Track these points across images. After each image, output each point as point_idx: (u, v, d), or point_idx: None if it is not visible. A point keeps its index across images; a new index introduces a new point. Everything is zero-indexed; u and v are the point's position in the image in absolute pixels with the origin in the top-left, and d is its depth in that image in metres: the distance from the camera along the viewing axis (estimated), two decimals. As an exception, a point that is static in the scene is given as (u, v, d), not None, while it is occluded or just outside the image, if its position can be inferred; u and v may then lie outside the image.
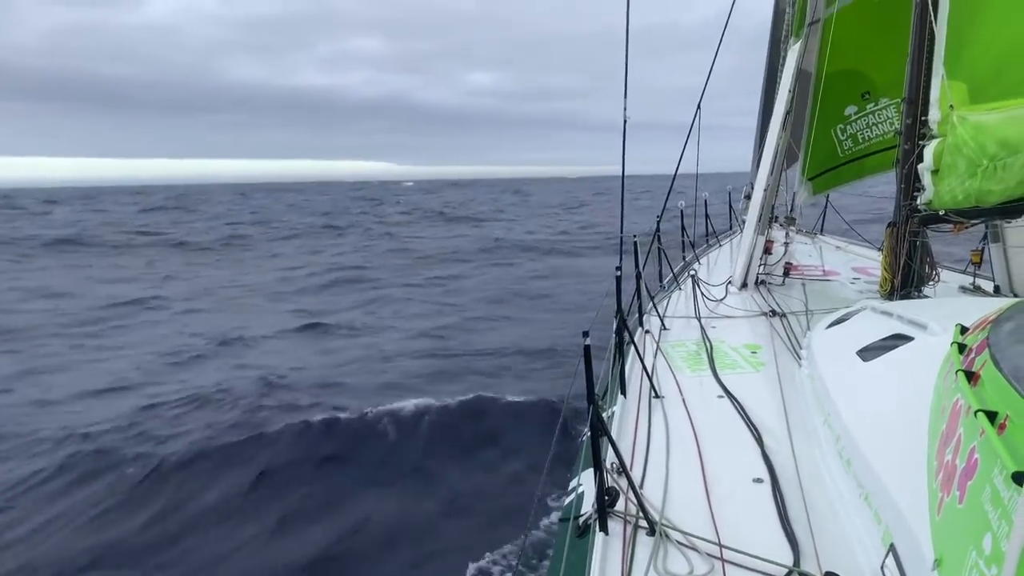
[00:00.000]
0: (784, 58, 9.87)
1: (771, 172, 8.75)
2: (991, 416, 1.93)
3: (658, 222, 8.28)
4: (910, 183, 6.16)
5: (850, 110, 10.46)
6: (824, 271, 9.34)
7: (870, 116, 10.37)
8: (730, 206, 14.06)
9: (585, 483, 3.58)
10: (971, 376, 2.31)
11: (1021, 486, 1.59)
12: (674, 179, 8.58)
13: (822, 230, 12.98)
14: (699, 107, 8.46)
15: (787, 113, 8.73)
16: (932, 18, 5.70)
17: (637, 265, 6.40)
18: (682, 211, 10.45)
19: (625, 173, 6.81)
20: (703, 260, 10.56)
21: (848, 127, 10.58)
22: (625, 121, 6.33)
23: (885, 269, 6.68)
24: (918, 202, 5.90)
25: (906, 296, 6.34)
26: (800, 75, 9.10)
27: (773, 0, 12.52)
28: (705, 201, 11.81)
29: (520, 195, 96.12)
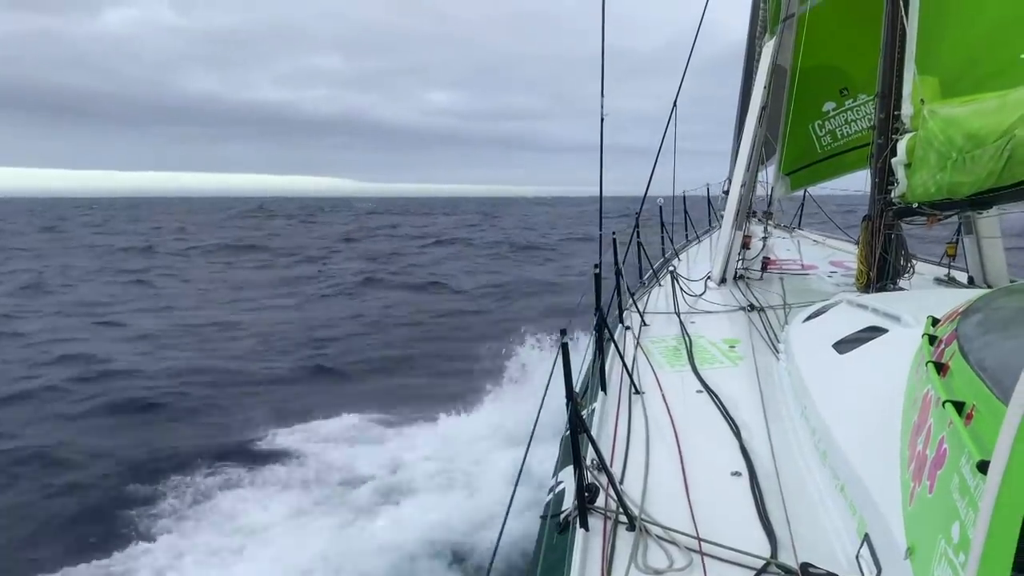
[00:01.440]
0: (759, 54, 9.94)
1: (748, 168, 8.81)
2: (959, 407, 1.96)
3: (637, 218, 8.31)
4: (884, 177, 6.23)
5: (828, 106, 10.50)
6: (802, 265, 9.42)
7: (848, 112, 10.41)
8: (708, 201, 14.14)
9: (565, 480, 3.59)
10: (940, 367, 2.34)
11: (986, 475, 1.62)
12: (650, 180, 8.59)
13: (800, 224, 13.08)
14: (675, 104, 8.50)
15: (763, 109, 8.79)
16: (903, 14, 5.76)
17: (616, 262, 6.43)
18: (660, 207, 10.50)
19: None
20: (682, 256, 10.61)
21: (826, 123, 10.61)
22: (602, 119, 6.34)
23: (861, 262, 6.75)
24: (892, 195, 5.97)
25: (882, 289, 6.40)
26: (777, 71, 9.16)
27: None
28: (684, 197, 11.87)
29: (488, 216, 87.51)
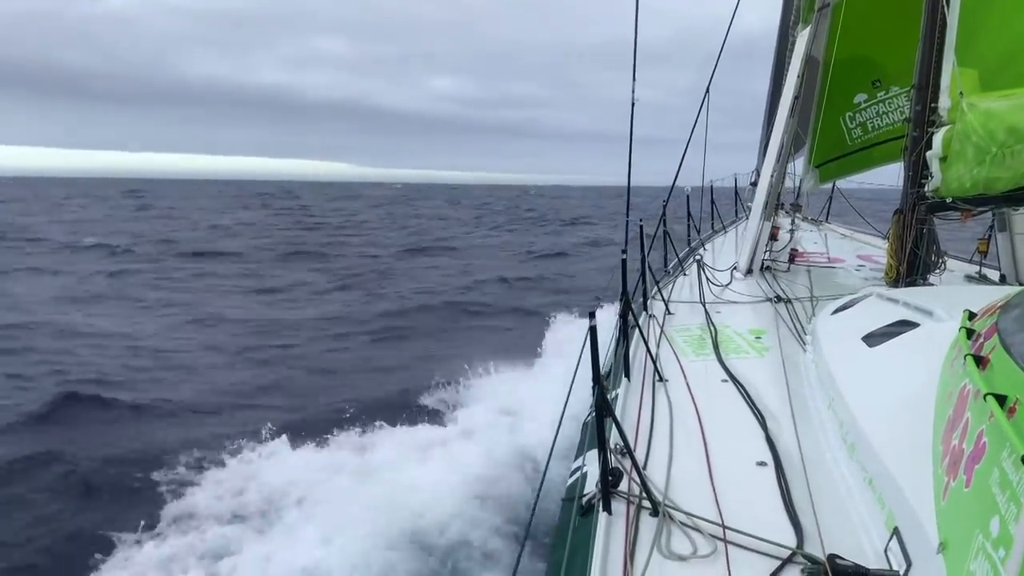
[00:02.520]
0: (792, 44, 9.80)
1: (778, 159, 8.72)
2: (1001, 400, 1.93)
3: (664, 206, 8.26)
4: (918, 170, 6.14)
5: (860, 98, 10.34)
6: (829, 258, 9.32)
7: (880, 104, 10.25)
8: (736, 192, 14.03)
9: (589, 463, 3.59)
10: (980, 361, 2.31)
11: None
12: (678, 173, 8.50)
13: (828, 217, 12.95)
14: (707, 91, 8.40)
15: (795, 99, 8.69)
16: (944, 5, 5.66)
17: (642, 249, 6.40)
18: (688, 196, 10.43)
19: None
20: (708, 246, 10.54)
21: (858, 115, 10.46)
22: (633, 104, 6.29)
23: (891, 256, 6.66)
24: (926, 189, 5.89)
25: (912, 284, 6.33)
26: (809, 61, 9.03)
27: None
28: (711, 187, 11.78)
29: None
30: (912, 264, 6.42)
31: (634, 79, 6.02)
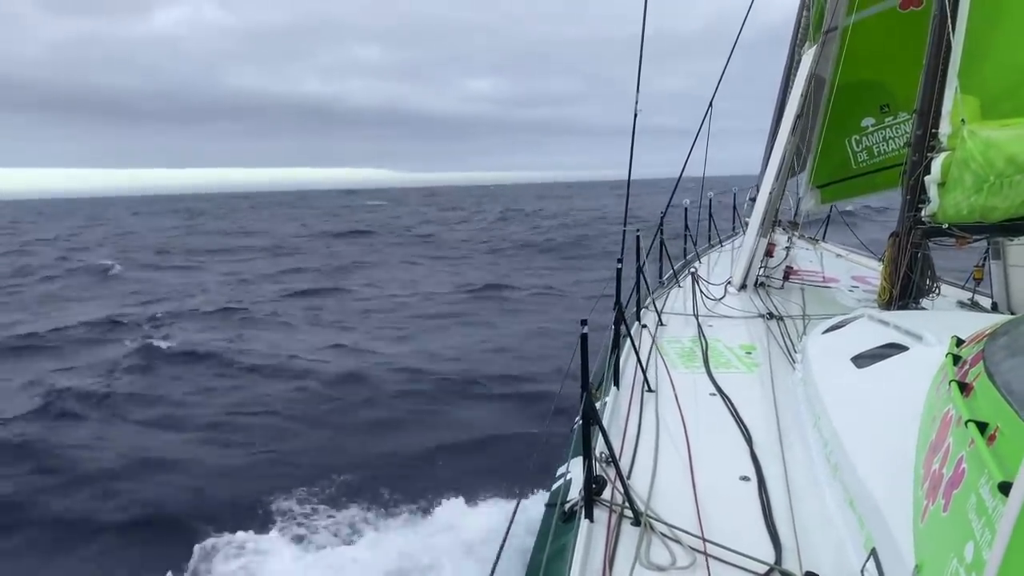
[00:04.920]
0: (798, 62, 9.83)
1: (777, 176, 8.75)
2: (981, 427, 1.95)
3: (662, 218, 8.28)
4: (915, 194, 6.16)
5: (867, 122, 10.30)
6: (824, 277, 9.35)
7: (888, 129, 10.21)
8: (734, 207, 14.06)
9: (573, 470, 3.60)
10: (964, 387, 2.32)
11: (1007, 496, 1.61)
12: (679, 180, 8.55)
13: (824, 237, 12.98)
14: (711, 105, 8.44)
15: (797, 118, 8.71)
16: (950, 31, 5.69)
17: (638, 259, 6.42)
18: (686, 209, 10.45)
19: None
20: (704, 259, 10.57)
21: (864, 139, 10.42)
22: (636, 115, 6.31)
23: (885, 279, 6.68)
24: (922, 214, 5.91)
25: (904, 307, 6.35)
26: (817, 82, 9.06)
27: (797, 5, 12.41)
28: (710, 201, 11.80)
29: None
30: (905, 288, 6.44)
31: (638, 90, 6.04)
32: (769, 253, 8.89)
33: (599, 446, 3.40)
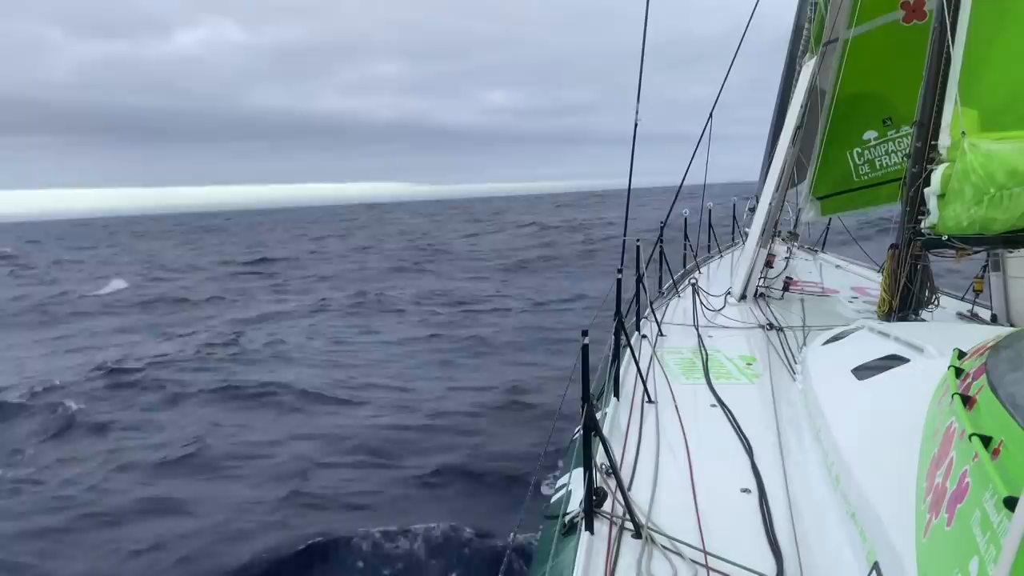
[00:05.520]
0: (798, 74, 9.84)
1: (777, 187, 8.75)
2: (985, 441, 1.94)
3: (662, 228, 8.28)
4: (915, 206, 6.16)
5: (870, 135, 10.24)
6: (823, 288, 9.34)
7: (890, 143, 10.15)
8: (734, 217, 14.06)
9: (574, 482, 3.58)
10: (967, 400, 2.31)
11: (1012, 511, 1.60)
12: (679, 189, 8.57)
13: (823, 247, 12.98)
14: (711, 116, 8.46)
15: (797, 129, 8.72)
16: (949, 43, 5.70)
17: (638, 269, 6.41)
18: (686, 219, 10.45)
19: (634, 185, 6.77)
20: (703, 269, 10.56)
21: (867, 152, 10.38)
22: (636, 125, 6.33)
23: (884, 290, 6.68)
24: (922, 226, 5.91)
25: (903, 319, 6.34)
26: (816, 93, 9.07)
27: (794, 15, 12.44)
28: (709, 211, 11.81)
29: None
30: (905, 299, 6.44)
31: (638, 99, 6.05)
32: (768, 264, 8.88)
33: (599, 457, 3.39)
